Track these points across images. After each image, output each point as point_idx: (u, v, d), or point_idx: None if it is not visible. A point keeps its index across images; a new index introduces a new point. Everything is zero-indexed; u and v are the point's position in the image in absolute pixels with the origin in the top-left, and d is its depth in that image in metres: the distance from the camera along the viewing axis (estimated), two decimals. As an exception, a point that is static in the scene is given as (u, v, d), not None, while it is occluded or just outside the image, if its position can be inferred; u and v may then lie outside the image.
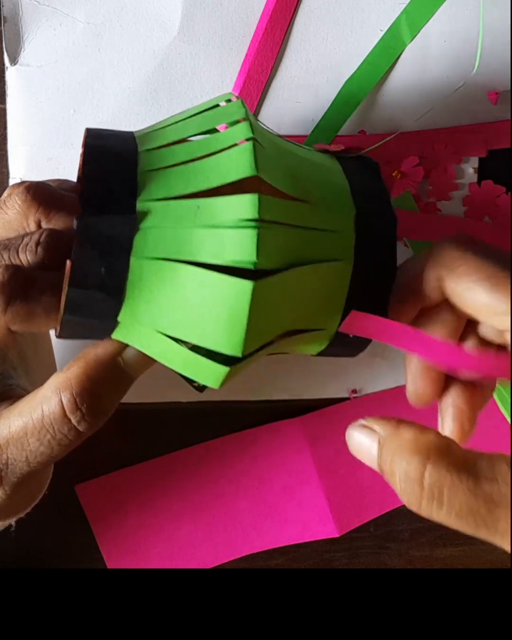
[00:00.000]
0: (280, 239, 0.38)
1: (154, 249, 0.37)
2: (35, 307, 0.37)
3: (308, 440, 0.60)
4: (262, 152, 0.39)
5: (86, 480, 0.59)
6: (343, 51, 0.54)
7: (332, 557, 0.61)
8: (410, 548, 0.62)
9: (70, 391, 0.38)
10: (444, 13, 0.54)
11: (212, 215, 0.37)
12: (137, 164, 0.39)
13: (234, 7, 0.53)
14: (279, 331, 0.39)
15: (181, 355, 0.38)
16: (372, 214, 0.41)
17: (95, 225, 0.37)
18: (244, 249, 0.36)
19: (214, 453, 0.60)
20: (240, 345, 0.37)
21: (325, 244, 0.40)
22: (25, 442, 0.39)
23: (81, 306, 0.37)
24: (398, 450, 0.38)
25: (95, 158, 0.39)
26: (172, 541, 0.59)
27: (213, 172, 0.39)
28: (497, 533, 0.36)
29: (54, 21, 0.52)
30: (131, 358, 0.39)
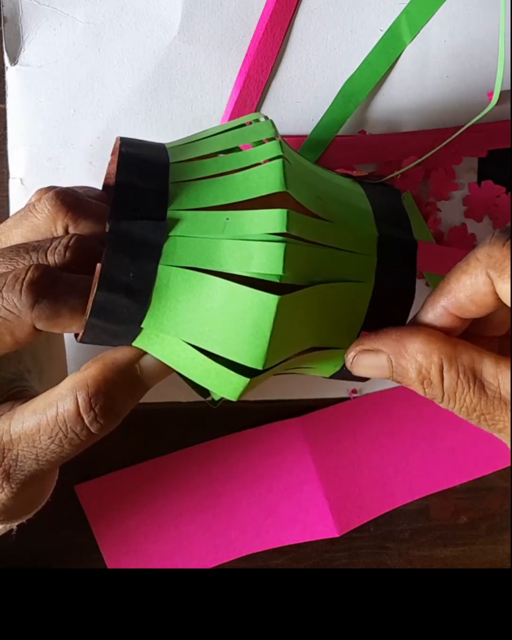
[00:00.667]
0: (305, 255, 0.39)
1: (182, 257, 0.38)
2: (61, 308, 0.38)
3: (308, 441, 0.60)
4: (291, 170, 0.40)
5: (86, 480, 0.59)
6: (343, 51, 0.54)
7: (332, 557, 0.61)
8: (410, 548, 0.62)
9: (86, 391, 0.38)
10: (444, 13, 0.54)
11: (241, 227, 0.38)
12: (169, 174, 0.40)
13: (234, 7, 0.53)
14: (300, 347, 0.40)
15: (202, 365, 0.39)
16: (394, 238, 0.42)
17: (127, 230, 0.38)
18: (271, 261, 0.37)
19: (214, 453, 0.60)
20: (262, 358, 0.38)
21: (347, 264, 0.40)
22: (37, 439, 0.39)
23: (107, 310, 0.37)
24: (411, 355, 0.39)
25: (128, 166, 0.40)
26: (172, 541, 0.59)
27: (243, 186, 0.40)
28: (495, 430, 0.39)
29: (54, 21, 0.52)
30: (149, 367, 0.40)
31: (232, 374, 0.38)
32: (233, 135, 0.44)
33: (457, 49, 0.55)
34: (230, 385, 0.39)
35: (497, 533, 0.62)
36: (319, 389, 0.59)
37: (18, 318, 0.38)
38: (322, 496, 0.60)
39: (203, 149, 0.43)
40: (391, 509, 0.61)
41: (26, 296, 0.37)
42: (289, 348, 0.39)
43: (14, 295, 0.38)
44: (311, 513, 0.60)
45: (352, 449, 0.61)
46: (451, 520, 0.62)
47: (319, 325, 0.40)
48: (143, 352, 0.39)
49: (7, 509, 0.42)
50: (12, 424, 0.40)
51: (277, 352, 0.38)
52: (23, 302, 0.37)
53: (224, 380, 0.39)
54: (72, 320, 0.38)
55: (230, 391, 0.39)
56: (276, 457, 0.60)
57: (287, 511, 0.60)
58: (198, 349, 0.38)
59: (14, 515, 0.43)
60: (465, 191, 0.57)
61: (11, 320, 0.38)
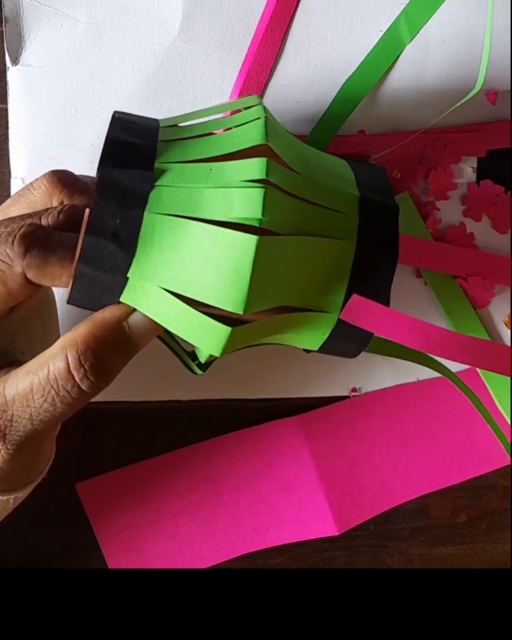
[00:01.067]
0: (285, 204, 0.40)
1: (167, 205, 0.39)
2: (51, 256, 0.39)
3: (307, 439, 0.60)
4: (273, 129, 0.42)
5: (87, 479, 0.59)
6: (343, 51, 0.54)
7: (332, 556, 0.62)
8: (410, 547, 0.62)
9: (75, 349, 0.39)
10: (444, 13, 0.54)
11: (223, 176, 0.39)
12: (158, 133, 0.42)
13: (234, 7, 0.53)
14: (281, 300, 0.40)
15: (185, 316, 0.39)
16: (376, 200, 0.43)
17: (115, 177, 0.39)
18: (251, 206, 0.38)
19: (214, 452, 0.60)
20: (243, 301, 0.38)
21: (328, 221, 0.41)
22: (30, 398, 0.40)
23: (95, 257, 0.38)
24: None
25: (119, 125, 0.42)
26: (173, 539, 0.60)
27: (227, 142, 0.41)
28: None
29: (55, 21, 0.52)
30: (137, 323, 0.40)
31: (214, 323, 0.39)
32: (222, 106, 0.46)
33: (456, 49, 0.55)
34: (213, 336, 0.39)
35: (497, 531, 0.62)
36: (319, 387, 0.59)
37: (10, 267, 0.39)
38: (321, 495, 0.60)
39: (192, 117, 0.45)
40: (390, 507, 0.61)
41: (18, 246, 0.39)
42: (271, 296, 0.40)
43: (7, 246, 0.39)
44: (311, 511, 0.60)
45: (351, 448, 0.61)
46: (451, 518, 0.62)
47: (302, 279, 0.41)
48: (131, 310, 0.40)
49: (4, 474, 0.42)
50: (6, 386, 0.41)
51: (258, 297, 0.39)
52: (15, 252, 0.39)
53: (207, 331, 0.39)
54: (62, 269, 0.39)
55: (214, 343, 0.40)
56: (275, 455, 0.60)
57: (287, 510, 0.60)
58: (182, 299, 0.39)
59: (12, 483, 0.44)
60: (464, 190, 0.57)
61: (3, 270, 0.39)
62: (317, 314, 0.41)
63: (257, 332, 0.41)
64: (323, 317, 0.41)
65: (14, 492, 0.45)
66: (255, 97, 0.46)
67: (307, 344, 0.43)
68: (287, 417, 0.60)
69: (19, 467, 0.43)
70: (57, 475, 0.48)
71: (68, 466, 0.58)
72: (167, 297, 0.39)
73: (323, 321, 0.42)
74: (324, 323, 0.42)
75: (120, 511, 0.59)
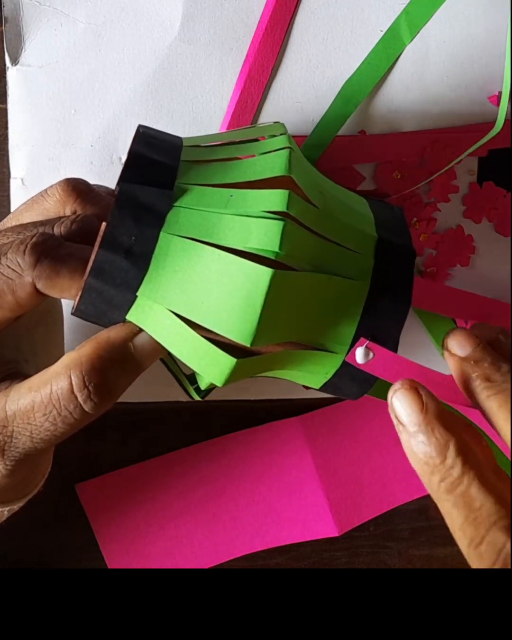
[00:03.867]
0: (303, 239, 0.39)
1: (184, 227, 0.38)
2: (61, 268, 0.39)
3: (308, 440, 0.60)
4: (296, 161, 0.41)
5: (87, 480, 0.59)
6: (343, 51, 0.54)
7: (332, 556, 0.62)
8: (410, 547, 0.62)
9: (79, 369, 0.39)
10: (444, 13, 0.54)
11: (243, 204, 0.39)
12: (180, 153, 0.42)
13: (234, 7, 0.53)
14: (289, 335, 0.40)
15: (191, 342, 0.39)
16: (394, 244, 0.42)
17: (135, 193, 0.39)
18: (269, 238, 0.38)
19: (214, 453, 0.60)
20: (252, 334, 0.38)
21: (344, 260, 0.41)
22: (31, 416, 0.40)
23: (106, 271, 0.38)
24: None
25: (144, 141, 0.42)
26: (172, 540, 0.60)
27: (249, 169, 0.41)
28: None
29: (54, 21, 0.52)
30: (142, 344, 0.40)
31: (220, 352, 0.38)
32: (247, 131, 0.46)
33: (456, 49, 0.55)
34: (217, 366, 0.39)
35: (497, 532, 0.62)
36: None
37: (20, 277, 0.39)
38: (322, 495, 0.60)
39: (215, 139, 0.45)
40: (390, 508, 0.61)
41: (29, 256, 0.39)
42: (280, 331, 0.39)
43: (18, 255, 0.39)
44: (311, 512, 0.60)
45: (352, 448, 0.61)
46: (451, 519, 0.62)
47: (311, 317, 0.40)
48: (137, 331, 0.40)
49: (1, 488, 0.42)
50: (8, 401, 0.40)
51: (267, 331, 0.38)
52: (26, 261, 0.39)
53: (211, 360, 0.39)
54: (72, 281, 0.39)
55: (217, 373, 0.39)
56: (276, 456, 0.60)
57: (287, 510, 0.60)
58: (189, 324, 0.38)
59: (8, 496, 0.44)
60: (464, 190, 0.57)
61: (13, 279, 0.39)
62: (323, 353, 0.41)
63: (261, 365, 0.41)
64: (329, 356, 0.41)
65: (8, 504, 0.44)
66: (280, 125, 0.46)
67: (309, 382, 0.43)
68: (287, 417, 0.60)
69: (16, 481, 0.43)
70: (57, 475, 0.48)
71: (68, 467, 0.58)
72: (174, 320, 0.38)
73: (328, 361, 0.41)
74: (329, 363, 0.41)
75: (119, 512, 0.59)
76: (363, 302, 0.41)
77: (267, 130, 0.46)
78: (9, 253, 0.39)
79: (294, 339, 0.40)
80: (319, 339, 0.41)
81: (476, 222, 0.57)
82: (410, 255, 0.42)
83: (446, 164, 0.55)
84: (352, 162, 0.55)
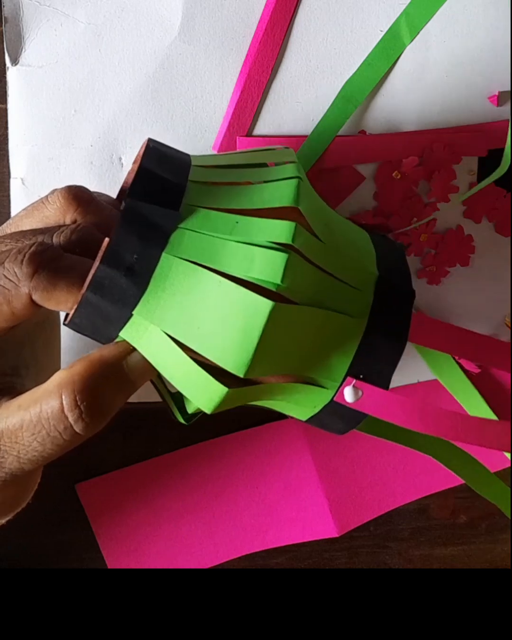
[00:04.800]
0: (305, 273, 0.39)
1: (187, 250, 0.38)
2: (59, 281, 0.38)
3: (308, 440, 0.60)
4: (305, 192, 0.41)
5: (87, 479, 0.59)
6: (343, 51, 0.54)
7: (332, 556, 0.62)
8: (410, 547, 0.62)
9: (71, 387, 0.38)
10: (444, 14, 0.54)
11: (249, 232, 0.38)
12: (189, 172, 0.41)
13: (234, 7, 0.53)
14: (281, 369, 0.40)
15: (183, 367, 0.38)
16: (393, 283, 0.42)
17: (141, 210, 0.38)
18: (271, 269, 0.37)
19: (214, 453, 0.60)
20: (246, 365, 0.38)
21: (343, 296, 0.40)
22: (19, 435, 0.38)
23: (105, 286, 0.37)
24: None
25: (153, 157, 0.41)
26: (172, 540, 0.60)
27: (257, 196, 0.40)
28: None
29: (54, 21, 0.52)
30: (136, 364, 0.39)
31: (212, 380, 0.38)
32: (256, 154, 0.45)
33: (456, 49, 0.55)
34: (207, 393, 0.38)
35: (497, 532, 0.63)
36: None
37: (16, 287, 0.38)
38: (322, 496, 0.60)
39: (224, 160, 0.44)
40: (390, 509, 0.61)
41: (27, 266, 0.38)
42: (274, 363, 0.39)
43: (15, 265, 0.38)
44: (311, 513, 0.60)
45: (352, 449, 0.61)
46: (451, 519, 0.62)
47: (306, 350, 0.40)
48: (130, 350, 0.39)
49: None
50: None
51: (261, 362, 0.38)
52: (23, 272, 0.38)
53: (202, 386, 0.38)
54: (69, 295, 0.38)
55: (206, 400, 0.39)
56: (276, 456, 0.60)
57: (287, 511, 0.60)
58: (183, 347, 0.38)
59: None
60: (464, 191, 0.57)
61: (10, 289, 0.38)
62: (314, 388, 0.41)
63: (251, 395, 0.41)
64: (319, 391, 0.41)
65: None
66: (291, 151, 0.45)
67: (296, 414, 0.43)
68: (287, 418, 0.60)
69: (3, 499, 0.42)
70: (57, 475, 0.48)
71: (68, 466, 0.58)
72: (168, 343, 0.38)
73: (318, 395, 0.41)
74: (319, 397, 0.41)
75: (120, 512, 0.59)
76: (359, 340, 0.40)
77: (277, 155, 0.45)
78: (6, 262, 0.38)
79: (286, 372, 0.40)
80: (311, 373, 0.40)
81: (476, 222, 0.57)
82: (409, 295, 0.42)
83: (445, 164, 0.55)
84: (352, 162, 0.55)
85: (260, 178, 0.42)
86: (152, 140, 0.43)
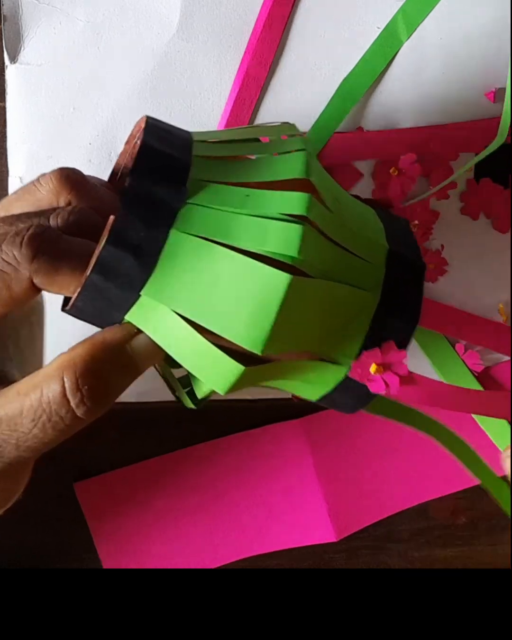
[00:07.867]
0: (320, 246, 0.38)
1: (197, 225, 0.36)
2: (61, 264, 0.36)
3: (309, 443, 0.60)
4: (313, 164, 0.40)
5: (85, 479, 0.59)
6: (341, 49, 0.54)
7: (332, 557, 0.61)
8: (409, 548, 0.62)
9: (73, 370, 0.36)
10: (440, 11, 0.54)
11: (261, 205, 0.37)
12: (192, 147, 0.40)
13: (232, 5, 0.53)
14: (297, 345, 0.39)
15: (195, 346, 0.37)
16: (404, 255, 0.41)
17: (146, 187, 0.36)
18: (287, 242, 0.36)
19: (214, 453, 0.60)
20: (263, 341, 0.36)
21: (356, 269, 0.39)
22: (19, 421, 0.37)
23: (111, 267, 0.36)
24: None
25: (154, 133, 0.39)
26: (170, 541, 0.59)
27: (266, 169, 0.39)
28: None
29: (53, 20, 0.52)
30: (140, 346, 0.38)
31: (227, 359, 0.36)
32: (259, 129, 0.45)
33: (453, 46, 0.55)
34: (222, 373, 0.37)
35: (497, 533, 0.62)
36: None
37: (16, 270, 0.36)
38: (321, 499, 0.60)
39: (223, 136, 0.43)
40: (390, 514, 0.61)
41: (26, 249, 0.36)
42: (290, 339, 0.38)
43: (14, 247, 0.36)
44: (310, 517, 0.60)
45: (352, 453, 0.61)
46: (451, 520, 0.62)
47: (323, 326, 0.39)
48: (135, 332, 0.38)
49: None
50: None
51: (278, 338, 0.37)
52: (23, 254, 0.36)
53: (216, 365, 0.37)
54: (72, 278, 0.37)
55: (221, 380, 0.37)
56: (276, 459, 0.60)
57: (286, 514, 0.60)
58: (194, 327, 0.36)
59: None
60: (462, 187, 0.57)
61: (9, 273, 0.36)
62: (327, 364, 0.39)
63: (266, 374, 0.39)
64: (333, 368, 0.40)
65: None
66: (292, 126, 0.44)
67: (308, 394, 0.41)
68: (288, 420, 0.60)
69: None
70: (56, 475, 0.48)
71: (67, 466, 0.58)
72: (179, 322, 0.36)
73: (331, 372, 0.40)
74: (332, 374, 0.40)
75: (117, 512, 0.59)
76: (372, 314, 0.39)
77: (279, 130, 0.44)
78: (4, 245, 0.36)
79: (302, 348, 0.39)
80: (326, 349, 0.39)
81: (474, 219, 0.57)
82: (420, 269, 0.41)
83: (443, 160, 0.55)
84: (350, 159, 0.55)
85: (266, 151, 0.41)
86: (150, 117, 0.41)
